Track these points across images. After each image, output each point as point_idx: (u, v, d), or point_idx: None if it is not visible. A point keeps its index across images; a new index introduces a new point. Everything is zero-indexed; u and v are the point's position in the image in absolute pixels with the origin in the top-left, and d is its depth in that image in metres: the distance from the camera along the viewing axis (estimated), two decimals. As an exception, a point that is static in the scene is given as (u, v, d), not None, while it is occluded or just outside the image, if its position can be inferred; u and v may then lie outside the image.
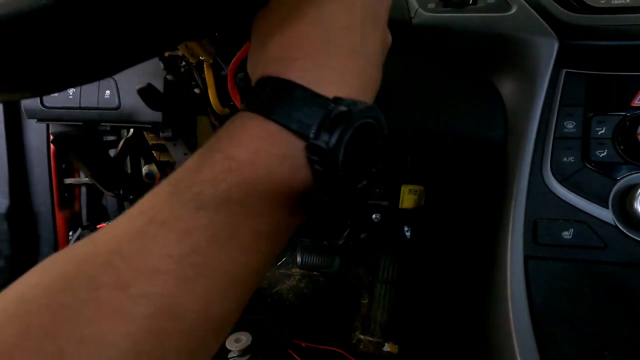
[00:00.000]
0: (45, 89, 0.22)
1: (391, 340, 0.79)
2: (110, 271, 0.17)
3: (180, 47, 0.42)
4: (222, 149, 0.19)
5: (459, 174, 0.61)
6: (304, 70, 0.20)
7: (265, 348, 0.80)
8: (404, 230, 0.80)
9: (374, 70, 0.23)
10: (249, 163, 0.19)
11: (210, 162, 0.19)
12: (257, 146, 0.19)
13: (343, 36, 0.21)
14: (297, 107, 0.19)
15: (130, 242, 0.18)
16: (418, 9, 0.48)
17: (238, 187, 0.18)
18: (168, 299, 0.17)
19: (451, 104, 0.48)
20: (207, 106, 0.52)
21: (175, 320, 0.17)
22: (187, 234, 0.18)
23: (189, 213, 0.18)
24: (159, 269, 0.17)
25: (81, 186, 0.91)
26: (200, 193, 0.18)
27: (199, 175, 0.19)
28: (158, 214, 0.18)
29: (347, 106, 0.19)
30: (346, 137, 0.19)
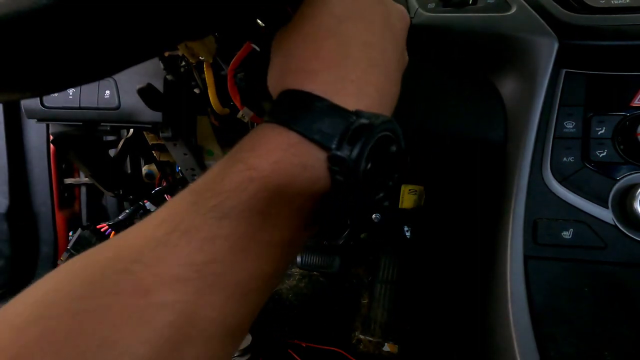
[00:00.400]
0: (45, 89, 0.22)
1: (391, 340, 0.79)
2: (131, 278, 0.17)
3: (180, 47, 0.42)
4: (244, 159, 0.19)
5: (459, 174, 0.61)
6: (324, 83, 0.20)
7: (265, 348, 0.80)
8: (404, 230, 0.80)
9: (392, 85, 0.23)
10: (270, 172, 0.19)
11: (232, 172, 0.19)
12: (279, 156, 0.19)
13: (363, 51, 0.21)
14: (318, 118, 0.19)
15: (152, 250, 0.18)
16: (418, 8, 0.48)
17: (259, 196, 0.19)
18: (188, 306, 0.17)
19: (451, 104, 0.48)
20: (207, 106, 0.52)
21: (194, 328, 0.18)
22: (209, 243, 0.18)
23: (210, 222, 0.18)
24: (179, 277, 0.18)
25: (81, 186, 0.91)
26: (222, 203, 0.19)
27: (221, 185, 0.19)
28: (180, 223, 0.18)
29: (368, 119, 0.19)
30: (367, 149, 0.19)
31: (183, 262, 0.18)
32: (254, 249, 0.19)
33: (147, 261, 0.18)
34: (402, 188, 0.73)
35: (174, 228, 0.18)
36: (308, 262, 0.86)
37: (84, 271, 0.18)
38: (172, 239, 0.18)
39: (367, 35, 0.22)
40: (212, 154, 0.62)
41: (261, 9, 0.31)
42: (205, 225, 0.18)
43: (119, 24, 0.18)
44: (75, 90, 0.53)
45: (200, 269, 0.18)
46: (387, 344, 0.79)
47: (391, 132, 0.21)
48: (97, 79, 0.22)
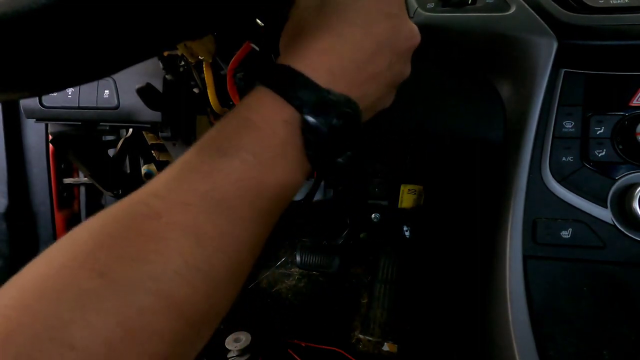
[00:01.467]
0: (44, 89, 0.22)
1: (390, 339, 0.79)
2: (146, 207, 0.21)
3: (179, 47, 0.42)
4: (240, 113, 0.25)
5: (458, 174, 0.61)
6: (309, 66, 0.26)
7: (264, 348, 0.80)
8: (404, 230, 0.81)
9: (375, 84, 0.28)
10: (260, 122, 0.24)
11: (230, 123, 0.25)
12: (267, 113, 0.25)
13: (351, 51, 0.27)
14: (299, 89, 0.25)
15: (164, 185, 0.23)
16: (417, 8, 0.48)
17: (250, 139, 0.24)
18: (193, 226, 0.21)
19: (450, 104, 0.48)
20: (206, 106, 0.52)
21: (198, 245, 0.21)
22: (210, 174, 0.23)
23: (212, 160, 0.23)
24: (186, 202, 0.22)
25: (80, 186, 0.91)
26: (222, 145, 0.24)
27: (220, 132, 0.24)
28: (188, 162, 0.23)
29: (334, 96, 0.25)
30: (330, 117, 0.25)
31: (190, 190, 0.22)
32: (246, 182, 0.23)
33: (161, 194, 0.22)
34: (402, 188, 0.74)
35: (183, 167, 0.23)
36: (307, 262, 0.86)
37: (107, 211, 0.22)
38: (181, 174, 0.23)
39: (362, 41, 0.27)
40: (211, 153, 0.62)
41: (261, 9, 0.31)
42: (207, 162, 0.23)
43: (118, 23, 0.18)
44: (74, 90, 0.53)
45: (203, 195, 0.22)
46: (386, 343, 0.79)
47: (352, 110, 0.26)
48: (96, 79, 0.23)
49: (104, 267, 0.19)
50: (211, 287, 0.22)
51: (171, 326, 0.20)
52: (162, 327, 0.20)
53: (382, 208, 0.77)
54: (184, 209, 0.22)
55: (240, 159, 0.23)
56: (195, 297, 0.21)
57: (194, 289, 0.21)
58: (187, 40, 0.40)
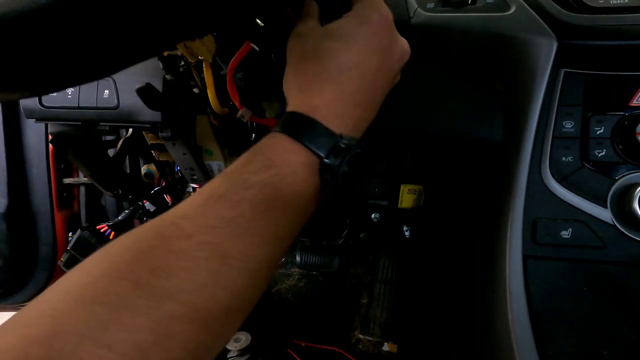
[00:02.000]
0: (44, 89, 0.22)
1: (390, 339, 0.79)
2: (177, 228, 0.24)
3: (179, 47, 0.42)
4: (263, 153, 0.28)
5: (458, 174, 0.61)
6: (322, 115, 0.30)
7: (264, 348, 0.80)
8: (403, 230, 0.81)
9: (367, 113, 0.33)
10: (282, 164, 0.28)
11: (255, 160, 0.28)
12: (288, 155, 0.28)
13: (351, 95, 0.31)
14: (317, 136, 0.29)
15: (194, 210, 0.25)
16: (417, 8, 0.48)
17: (274, 177, 0.27)
18: (220, 247, 0.24)
19: (450, 104, 0.48)
20: (206, 106, 0.52)
21: (223, 264, 0.24)
22: (236, 204, 0.25)
23: (238, 190, 0.26)
24: (214, 226, 0.24)
25: (80, 186, 0.91)
26: (248, 179, 0.27)
27: (246, 168, 0.27)
28: (216, 191, 0.26)
29: (347, 140, 0.29)
30: (345, 160, 0.28)
31: (217, 216, 0.25)
32: (270, 212, 0.26)
33: (190, 217, 0.25)
34: (402, 188, 0.74)
35: (211, 195, 0.26)
36: (307, 261, 0.86)
37: (138, 230, 0.24)
38: (210, 201, 0.25)
39: (358, 82, 0.31)
40: (211, 153, 0.62)
41: (261, 9, 0.31)
42: (234, 193, 0.26)
43: (118, 23, 0.18)
44: (74, 90, 0.53)
45: (229, 221, 0.25)
46: (386, 343, 0.79)
47: (362, 150, 0.30)
48: (96, 79, 0.23)
49: (139, 278, 0.21)
50: (233, 301, 0.24)
51: (195, 335, 0.22)
52: (188, 335, 0.22)
53: (382, 208, 0.77)
54: (212, 231, 0.24)
55: (264, 193, 0.26)
56: (218, 310, 0.23)
57: (218, 303, 0.23)
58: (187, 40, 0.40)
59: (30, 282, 0.85)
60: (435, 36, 0.47)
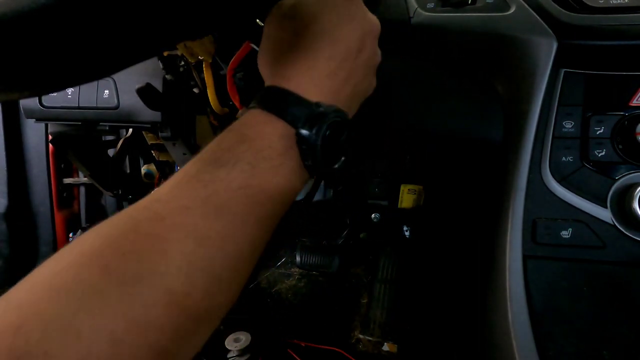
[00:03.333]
0: (44, 89, 0.22)
1: (390, 339, 0.79)
2: (149, 211, 0.23)
3: (179, 47, 0.42)
4: (237, 129, 0.27)
5: (458, 174, 0.61)
6: (297, 85, 0.28)
7: (264, 348, 0.80)
8: (403, 230, 0.81)
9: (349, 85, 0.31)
10: (256, 137, 0.26)
11: (228, 137, 0.27)
12: (262, 128, 0.27)
13: (325, 63, 0.30)
14: (291, 106, 0.27)
15: (167, 192, 0.24)
16: (417, 8, 0.48)
17: (248, 151, 0.26)
18: (194, 228, 0.23)
19: (450, 104, 0.48)
20: (206, 106, 0.52)
21: (199, 246, 0.22)
22: (210, 182, 0.24)
23: (212, 169, 0.25)
24: (188, 206, 0.23)
25: (80, 186, 0.91)
26: (221, 157, 0.25)
27: (219, 146, 0.26)
28: (188, 172, 0.25)
29: (324, 108, 0.28)
30: (322, 129, 0.27)
31: (191, 195, 0.23)
32: (246, 190, 0.25)
33: (163, 199, 0.23)
34: (402, 187, 0.74)
35: (184, 176, 0.25)
36: (307, 262, 0.86)
37: (112, 218, 0.23)
38: (182, 182, 0.24)
39: (331, 50, 0.30)
40: (211, 153, 0.62)
41: (260, 9, 0.31)
42: (207, 171, 0.25)
43: (118, 23, 0.18)
44: (74, 90, 0.53)
45: (204, 200, 0.23)
46: (386, 343, 0.79)
47: (341, 118, 0.29)
48: (96, 79, 0.23)
49: (109, 264, 0.20)
50: (212, 285, 0.23)
51: (172, 320, 0.21)
52: (164, 321, 0.21)
53: (382, 208, 0.77)
54: (186, 212, 0.23)
55: (239, 169, 0.25)
56: (196, 294, 0.22)
57: (195, 287, 0.22)
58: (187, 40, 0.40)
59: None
60: (435, 36, 0.47)
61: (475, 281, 0.46)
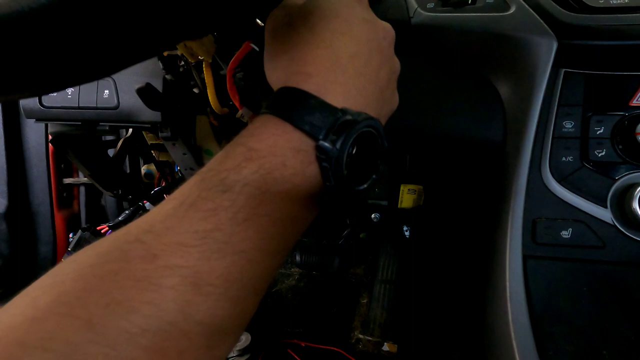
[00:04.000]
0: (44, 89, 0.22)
1: (390, 339, 0.79)
2: (140, 246, 0.19)
3: (179, 47, 0.42)
4: (244, 143, 0.22)
5: (458, 174, 0.61)
6: (317, 84, 0.24)
7: (264, 348, 0.80)
8: (403, 230, 0.81)
9: (377, 88, 0.27)
10: (267, 153, 0.22)
11: (234, 153, 0.22)
12: (275, 141, 0.22)
13: (350, 61, 0.25)
14: (310, 112, 0.22)
15: (162, 222, 0.20)
16: (417, 8, 0.48)
17: (257, 174, 0.21)
18: (192, 272, 0.19)
19: (450, 104, 0.48)
20: (206, 106, 0.52)
21: (198, 294, 0.19)
22: (212, 213, 0.20)
23: (214, 195, 0.21)
24: (184, 244, 0.19)
25: (80, 186, 0.91)
26: (225, 179, 0.21)
27: (224, 164, 0.22)
28: (187, 197, 0.21)
29: (352, 115, 0.23)
30: (350, 141, 0.22)
31: (188, 230, 0.20)
32: (255, 221, 0.21)
33: (157, 231, 0.20)
34: (402, 188, 0.74)
35: (182, 202, 0.21)
36: (307, 261, 0.86)
37: (99, 245, 0.20)
38: (180, 211, 0.20)
39: (354, 47, 0.26)
40: (211, 153, 0.62)
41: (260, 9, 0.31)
42: (209, 198, 0.20)
43: (118, 23, 0.18)
44: (74, 90, 0.53)
45: (204, 236, 0.20)
46: (386, 343, 0.79)
47: (373, 128, 0.24)
48: (96, 79, 0.23)
49: (93, 317, 0.17)
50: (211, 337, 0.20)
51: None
52: None
53: (382, 208, 0.77)
54: (182, 251, 0.19)
55: (246, 195, 0.21)
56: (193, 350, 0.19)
57: (192, 342, 0.19)
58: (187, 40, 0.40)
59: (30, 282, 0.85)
60: (435, 36, 0.47)
61: (475, 281, 0.46)
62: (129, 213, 0.73)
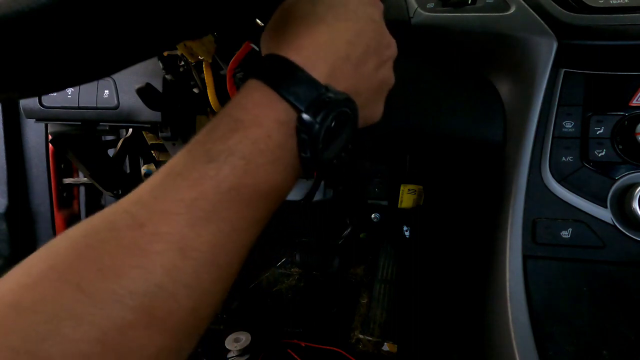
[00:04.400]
0: (44, 89, 0.22)
1: (390, 339, 0.79)
2: (129, 216, 0.20)
3: (179, 47, 0.42)
4: (230, 113, 0.23)
5: (458, 174, 0.61)
6: (307, 58, 0.24)
7: (264, 348, 0.80)
8: (403, 230, 0.81)
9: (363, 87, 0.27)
10: (252, 124, 0.22)
11: (220, 124, 0.23)
12: (259, 111, 0.23)
13: (345, 46, 0.26)
14: (297, 84, 0.23)
15: (149, 192, 0.21)
16: (417, 8, 0.48)
17: (242, 143, 0.22)
18: (179, 237, 0.20)
19: (450, 104, 0.48)
20: (206, 106, 0.52)
21: (185, 258, 0.20)
22: (197, 182, 0.21)
23: (200, 165, 0.21)
24: (171, 211, 0.20)
25: (80, 186, 0.91)
26: (211, 149, 0.22)
27: (210, 135, 0.22)
28: (174, 168, 0.22)
29: (334, 94, 0.24)
30: (330, 117, 0.23)
31: (175, 198, 0.21)
32: (239, 190, 0.22)
33: (144, 201, 0.21)
34: (402, 188, 0.74)
35: (169, 172, 0.22)
36: (307, 261, 0.86)
37: (90, 219, 0.21)
38: (167, 180, 0.21)
39: (353, 37, 0.26)
40: (211, 153, 0.62)
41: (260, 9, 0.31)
42: (194, 168, 0.21)
43: (118, 23, 0.18)
44: (74, 90, 0.53)
45: (189, 204, 0.20)
46: (386, 343, 0.79)
47: (351, 110, 0.25)
48: (96, 79, 0.23)
49: (83, 280, 0.18)
50: (198, 300, 0.21)
51: (153, 341, 0.19)
52: (143, 342, 0.19)
53: (382, 208, 0.77)
54: (169, 219, 0.20)
55: (231, 165, 0.21)
56: (180, 312, 0.20)
57: (179, 304, 0.20)
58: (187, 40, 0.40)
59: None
60: (435, 36, 0.47)
61: (475, 281, 0.46)
62: (129, 213, 0.73)
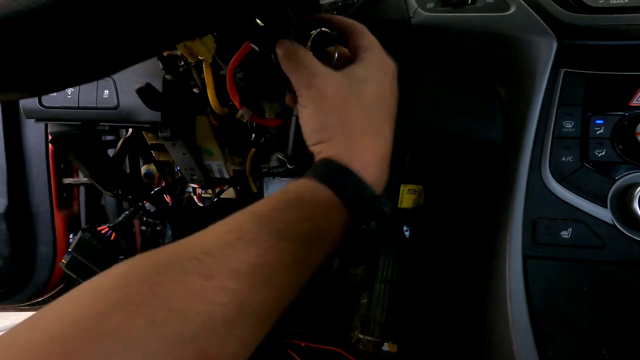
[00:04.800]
0: (44, 89, 0.22)
1: (390, 339, 0.79)
2: (200, 265, 0.23)
3: (179, 47, 0.42)
4: (304, 205, 0.28)
5: (458, 174, 0.61)
6: (375, 177, 0.30)
7: (264, 348, 0.80)
8: (403, 230, 0.81)
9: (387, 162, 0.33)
10: (321, 219, 0.28)
11: (294, 211, 0.27)
12: (331, 214, 0.28)
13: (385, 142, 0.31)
14: (366, 202, 0.29)
15: (220, 249, 0.24)
16: (417, 8, 0.48)
17: (309, 230, 0.27)
18: (240, 294, 0.23)
19: (450, 104, 0.48)
20: (206, 106, 0.51)
21: (241, 313, 0.23)
22: (266, 252, 0.25)
23: (271, 239, 0.25)
24: (239, 271, 0.23)
25: (80, 186, 0.91)
26: (283, 229, 0.26)
27: (283, 216, 0.27)
28: (247, 234, 0.25)
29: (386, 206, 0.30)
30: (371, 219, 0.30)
31: (243, 261, 0.24)
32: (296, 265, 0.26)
33: (215, 255, 0.24)
34: (402, 188, 0.74)
35: (241, 237, 0.25)
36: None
37: (156, 257, 0.24)
38: (239, 244, 0.25)
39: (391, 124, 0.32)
40: (210, 153, 0.62)
41: (261, 10, 0.31)
42: (265, 240, 0.25)
43: (118, 23, 0.18)
44: (74, 90, 0.53)
45: (255, 269, 0.24)
46: (386, 343, 0.79)
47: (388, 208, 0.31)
48: (96, 79, 0.23)
49: (155, 317, 0.21)
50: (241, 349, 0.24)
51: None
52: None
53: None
54: (235, 276, 0.23)
55: (296, 247, 0.26)
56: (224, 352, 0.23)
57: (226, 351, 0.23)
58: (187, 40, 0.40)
59: (30, 283, 0.85)
60: (435, 36, 0.47)
61: (475, 281, 0.46)
62: (129, 214, 0.73)
